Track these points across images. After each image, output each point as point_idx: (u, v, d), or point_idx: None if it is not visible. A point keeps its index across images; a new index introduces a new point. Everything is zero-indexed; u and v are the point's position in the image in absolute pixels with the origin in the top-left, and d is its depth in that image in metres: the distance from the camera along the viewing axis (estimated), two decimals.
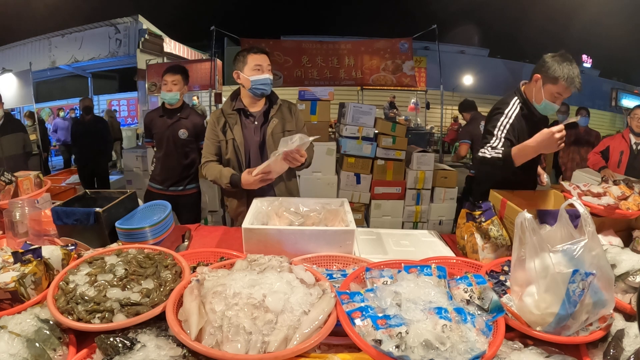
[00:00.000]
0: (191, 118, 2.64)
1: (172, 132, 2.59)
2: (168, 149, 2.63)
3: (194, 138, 2.64)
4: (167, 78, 2.54)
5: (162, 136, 2.62)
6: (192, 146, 2.67)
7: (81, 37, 7.69)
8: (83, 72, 9.71)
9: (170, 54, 7.95)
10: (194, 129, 2.62)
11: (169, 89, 2.54)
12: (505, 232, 1.55)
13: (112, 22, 7.53)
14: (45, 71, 8.17)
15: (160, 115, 2.64)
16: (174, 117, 2.61)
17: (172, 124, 2.60)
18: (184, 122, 2.61)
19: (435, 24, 5.75)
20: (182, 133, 2.59)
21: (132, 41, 7.40)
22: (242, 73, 1.88)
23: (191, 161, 2.69)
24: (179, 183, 2.67)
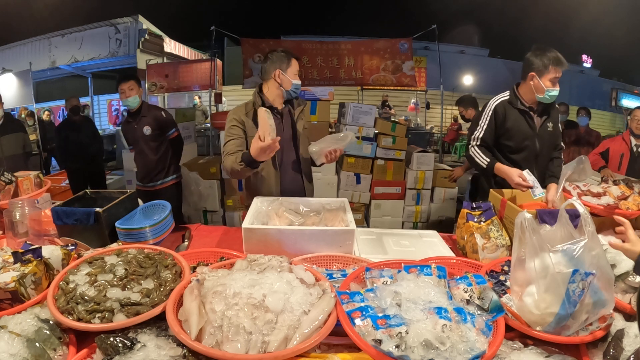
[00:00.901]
0: (151, 114, 2.88)
1: (139, 132, 2.86)
2: (139, 147, 2.92)
3: (158, 132, 2.89)
4: (122, 87, 2.74)
5: (133, 138, 2.92)
6: (160, 139, 2.92)
7: (81, 37, 7.68)
8: (83, 72, 9.70)
9: (170, 54, 7.94)
10: (155, 122, 2.87)
11: (127, 95, 2.75)
12: (505, 232, 1.56)
13: (112, 22, 7.51)
14: (45, 71, 8.16)
15: (128, 121, 2.94)
16: (137, 118, 2.87)
17: (137, 125, 2.87)
18: (146, 120, 2.86)
19: (435, 24, 5.74)
20: (146, 130, 2.85)
21: (132, 41, 7.39)
22: (285, 74, 1.92)
23: (163, 153, 2.94)
24: (157, 177, 2.94)
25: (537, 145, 2.06)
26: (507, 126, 2.04)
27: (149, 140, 2.89)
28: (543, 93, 1.94)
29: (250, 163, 1.63)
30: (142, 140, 2.89)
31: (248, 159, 1.62)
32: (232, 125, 1.89)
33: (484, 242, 1.48)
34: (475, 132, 2.09)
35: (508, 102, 2.06)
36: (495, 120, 2.05)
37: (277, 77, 1.92)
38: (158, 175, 2.95)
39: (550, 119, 2.09)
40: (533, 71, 1.94)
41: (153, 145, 2.91)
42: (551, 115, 2.10)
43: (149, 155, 2.92)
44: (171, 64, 7.31)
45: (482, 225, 1.54)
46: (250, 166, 1.65)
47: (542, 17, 14.94)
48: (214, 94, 6.20)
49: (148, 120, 2.87)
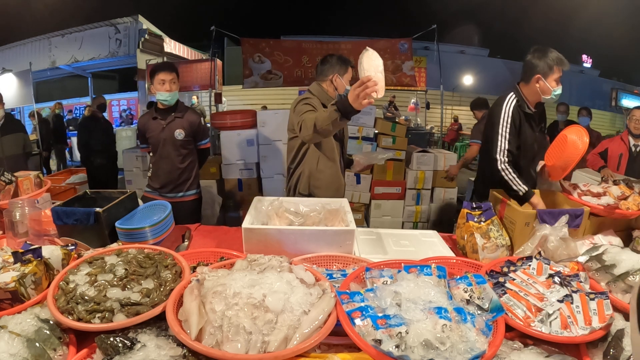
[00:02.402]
0: (187, 117, 2.48)
1: (168, 134, 2.43)
2: (165, 151, 2.46)
3: (191, 138, 2.50)
4: (163, 77, 2.35)
5: (158, 139, 2.45)
6: (190, 147, 2.52)
7: (81, 37, 7.69)
8: (83, 72, 9.70)
9: (170, 54, 7.95)
10: (190, 128, 2.47)
11: (168, 88, 2.35)
12: (505, 232, 1.56)
13: (112, 22, 7.52)
14: (45, 71, 8.16)
15: (154, 117, 2.46)
16: (169, 117, 2.43)
17: (168, 125, 2.43)
18: (180, 122, 2.45)
19: (435, 24, 5.75)
20: (178, 133, 2.43)
21: (132, 41, 7.39)
22: (342, 79, 2.08)
23: (190, 164, 2.53)
24: (178, 188, 2.51)
25: (536, 149, 2.04)
26: (521, 131, 1.96)
27: (179, 146, 2.45)
28: (550, 94, 1.92)
29: (344, 110, 1.42)
30: (171, 144, 2.44)
31: (343, 105, 1.42)
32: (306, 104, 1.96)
33: (484, 242, 1.48)
34: (500, 144, 1.90)
35: (518, 106, 1.96)
36: (514, 127, 1.94)
37: (334, 80, 2.08)
38: (180, 186, 2.52)
39: (543, 121, 2.11)
40: (538, 73, 1.91)
41: (182, 152, 2.48)
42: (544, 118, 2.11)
43: (176, 162, 2.47)
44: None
45: (482, 225, 1.54)
46: (343, 114, 1.44)
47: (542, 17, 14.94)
48: (214, 94, 6.20)
49: (182, 123, 2.44)
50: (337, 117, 1.44)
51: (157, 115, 2.46)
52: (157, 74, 2.36)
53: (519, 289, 1.12)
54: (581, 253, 1.39)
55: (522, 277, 1.18)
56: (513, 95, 1.98)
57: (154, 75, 2.37)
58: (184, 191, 2.54)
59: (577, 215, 1.55)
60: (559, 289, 1.10)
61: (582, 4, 12.26)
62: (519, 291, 1.11)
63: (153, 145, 2.50)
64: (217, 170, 4.20)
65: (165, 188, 2.50)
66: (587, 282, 1.17)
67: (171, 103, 2.44)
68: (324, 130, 1.57)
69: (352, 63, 2.06)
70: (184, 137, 2.45)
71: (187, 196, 2.55)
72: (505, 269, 1.25)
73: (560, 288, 1.11)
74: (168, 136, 2.44)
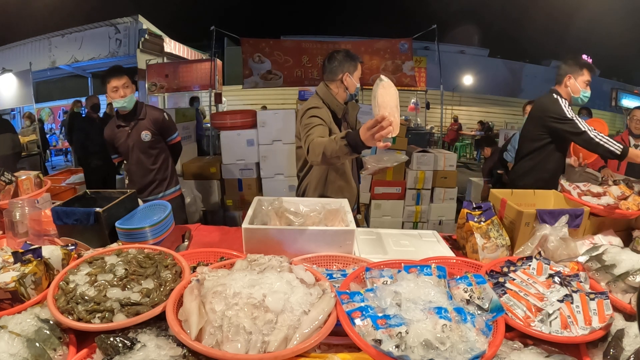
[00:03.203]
0: (149, 116, 2.41)
1: (135, 138, 2.38)
2: (134, 156, 2.42)
3: (159, 136, 2.45)
4: (115, 83, 2.26)
5: (127, 146, 2.41)
6: (159, 145, 2.47)
7: (81, 37, 7.68)
8: (83, 72, 9.70)
9: (170, 54, 7.95)
10: (155, 126, 2.41)
11: (122, 94, 2.27)
12: (505, 232, 1.56)
13: (112, 22, 7.52)
14: (45, 71, 8.17)
15: (118, 125, 2.41)
16: (132, 121, 2.38)
17: (133, 130, 2.38)
18: (144, 123, 2.39)
19: (435, 24, 5.75)
20: (144, 135, 2.38)
21: (132, 41, 7.39)
22: (352, 77, 1.95)
23: (163, 163, 2.49)
24: (157, 189, 2.49)
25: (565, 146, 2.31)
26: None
27: (148, 148, 2.41)
28: (579, 93, 2.15)
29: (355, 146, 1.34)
30: (139, 148, 2.40)
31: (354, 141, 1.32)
32: (313, 115, 1.80)
33: (484, 242, 1.48)
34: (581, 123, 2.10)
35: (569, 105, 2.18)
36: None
37: (344, 79, 1.94)
38: (158, 187, 2.50)
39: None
40: (569, 72, 2.17)
41: (153, 152, 2.44)
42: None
43: (147, 164, 2.44)
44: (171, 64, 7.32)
45: (482, 225, 1.54)
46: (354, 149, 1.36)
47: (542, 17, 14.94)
48: (214, 94, 6.20)
49: (146, 124, 2.39)
50: (347, 151, 1.37)
51: (121, 123, 2.41)
52: (108, 81, 2.28)
53: (519, 289, 1.12)
54: (581, 253, 1.39)
55: (522, 277, 1.18)
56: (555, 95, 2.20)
57: (105, 84, 2.29)
58: (163, 191, 2.52)
59: (577, 215, 1.55)
60: (559, 289, 1.10)
61: (582, 4, 12.26)
62: (519, 291, 1.11)
63: (124, 154, 2.48)
64: (217, 170, 4.20)
65: (144, 192, 2.47)
66: (587, 282, 1.17)
67: (129, 108, 2.36)
68: (333, 161, 1.50)
69: (361, 59, 1.99)
70: (151, 138, 2.41)
71: (167, 195, 2.53)
72: (505, 269, 1.25)
73: (560, 288, 1.11)
74: (135, 141, 2.40)
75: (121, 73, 2.31)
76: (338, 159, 1.46)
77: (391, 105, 1.23)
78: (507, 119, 13.09)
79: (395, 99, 1.26)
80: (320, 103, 1.92)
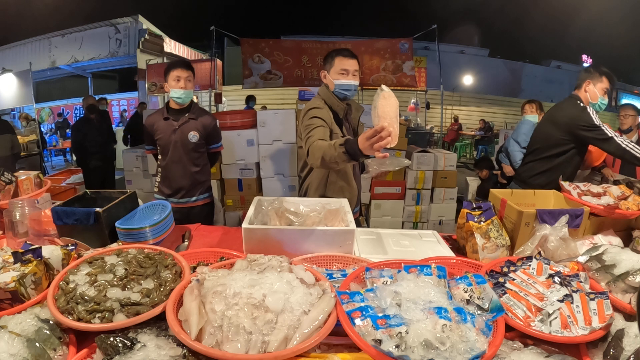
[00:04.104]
0: (202, 119, 2.33)
1: (181, 136, 2.27)
2: (176, 155, 2.30)
3: (204, 141, 2.36)
4: (179, 73, 2.21)
5: (169, 141, 2.28)
6: (203, 150, 2.39)
7: (81, 37, 7.69)
8: (83, 72, 9.71)
9: (170, 54, 7.95)
10: (204, 130, 2.33)
11: (183, 86, 2.21)
12: (505, 232, 1.56)
13: (112, 22, 7.52)
14: (45, 71, 8.18)
15: (165, 117, 2.29)
16: (182, 118, 2.28)
17: (180, 127, 2.28)
18: (194, 124, 2.29)
19: (435, 23, 5.75)
20: (192, 136, 2.27)
21: (132, 41, 7.40)
22: (328, 74, 1.89)
23: (202, 168, 2.41)
24: (190, 193, 2.38)
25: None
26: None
27: (192, 150, 2.31)
28: (597, 100, 2.20)
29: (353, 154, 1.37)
30: (183, 147, 2.29)
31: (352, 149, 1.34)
32: (314, 117, 1.80)
33: (484, 242, 1.48)
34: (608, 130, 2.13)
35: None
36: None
37: (323, 79, 1.92)
38: (193, 190, 2.38)
39: None
40: (589, 79, 2.22)
41: (195, 155, 2.34)
42: None
43: (189, 166, 2.32)
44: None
45: (482, 225, 1.53)
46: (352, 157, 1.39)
47: (542, 17, 14.95)
48: (214, 94, 6.20)
49: (196, 125, 2.29)
50: (345, 159, 1.39)
51: (169, 116, 2.30)
52: (172, 70, 2.24)
53: (519, 289, 1.12)
54: (581, 253, 1.39)
55: (522, 277, 1.18)
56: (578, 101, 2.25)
57: (169, 72, 2.24)
58: (196, 196, 2.41)
59: (577, 215, 1.55)
60: (559, 289, 1.10)
61: (582, 4, 12.26)
62: (519, 291, 1.11)
63: (162, 148, 2.33)
64: (217, 170, 4.20)
65: (177, 194, 2.37)
66: (587, 282, 1.17)
67: (185, 102, 2.30)
68: (332, 166, 1.52)
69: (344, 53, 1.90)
70: (198, 140, 2.31)
71: (199, 200, 2.43)
72: (505, 269, 1.25)
73: (560, 288, 1.11)
74: (180, 138, 2.28)
75: (188, 67, 2.28)
76: (337, 164, 1.47)
77: (391, 116, 1.25)
78: (507, 119, 13.08)
79: (395, 109, 1.27)
80: (322, 103, 1.89)
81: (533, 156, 2.47)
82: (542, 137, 2.44)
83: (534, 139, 2.56)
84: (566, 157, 2.31)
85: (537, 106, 3.77)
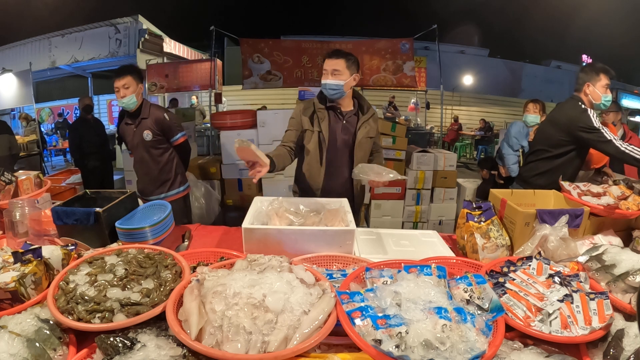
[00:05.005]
0: (152, 116, 2.42)
1: (139, 137, 2.42)
2: (138, 155, 2.48)
3: (161, 136, 2.46)
4: (116, 84, 2.32)
5: (133, 143, 2.47)
6: (163, 146, 2.48)
7: (81, 37, 7.68)
8: (83, 72, 9.70)
9: (170, 54, 7.95)
10: (156, 126, 2.42)
11: (122, 95, 2.31)
12: (505, 232, 1.56)
13: (112, 22, 7.52)
14: (45, 71, 8.16)
15: (126, 122, 2.48)
16: (136, 120, 2.42)
17: (137, 129, 2.42)
18: (145, 123, 2.41)
19: (435, 23, 5.73)
20: (146, 135, 2.40)
21: (132, 41, 7.39)
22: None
23: (166, 162, 2.50)
24: (159, 190, 2.51)
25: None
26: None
27: (150, 147, 2.44)
28: (600, 100, 2.17)
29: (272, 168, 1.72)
30: (142, 147, 2.44)
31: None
32: (292, 117, 2.04)
33: (484, 242, 1.48)
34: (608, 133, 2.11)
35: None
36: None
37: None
38: (161, 187, 2.51)
39: None
40: (587, 80, 2.19)
41: (155, 152, 2.46)
42: None
43: (150, 163, 2.47)
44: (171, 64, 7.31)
45: (482, 225, 1.53)
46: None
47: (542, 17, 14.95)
48: (214, 94, 6.20)
49: (148, 124, 2.41)
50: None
51: (128, 120, 2.47)
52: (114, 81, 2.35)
53: (519, 289, 1.12)
54: (581, 253, 1.39)
55: (522, 277, 1.18)
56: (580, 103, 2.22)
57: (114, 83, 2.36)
58: (165, 192, 2.52)
59: (577, 215, 1.55)
60: (559, 289, 1.10)
61: (582, 4, 12.27)
62: (519, 291, 1.11)
63: (131, 150, 2.57)
64: (217, 170, 4.20)
65: (146, 190, 2.52)
66: (587, 282, 1.17)
67: (131, 108, 2.38)
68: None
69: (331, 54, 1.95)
70: (152, 137, 2.42)
71: (169, 196, 2.51)
72: (505, 269, 1.25)
73: (560, 288, 1.11)
74: (139, 139, 2.43)
75: (123, 74, 2.33)
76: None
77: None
78: (507, 119, 13.07)
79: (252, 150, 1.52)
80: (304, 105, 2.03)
81: (534, 156, 2.47)
82: (544, 138, 2.44)
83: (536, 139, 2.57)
84: (567, 159, 2.30)
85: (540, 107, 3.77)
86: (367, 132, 2.01)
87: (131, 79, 2.34)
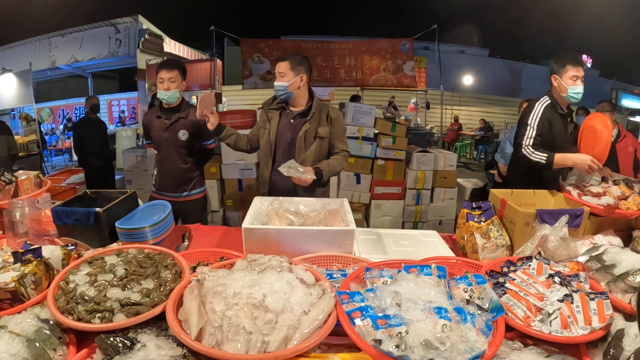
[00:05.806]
0: (191, 117, 2.40)
1: (172, 134, 2.38)
2: (167, 151, 2.42)
3: (196, 139, 2.45)
4: (162, 75, 2.28)
5: (161, 138, 2.41)
6: (193, 147, 2.47)
7: (81, 37, 7.67)
8: (83, 72, 9.69)
9: (170, 54, 7.92)
10: (194, 128, 2.41)
11: (167, 87, 2.29)
12: (505, 232, 1.56)
13: (112, 22, 7.50)
14: (45, 71, 8.15)
15: (158, 115, 2.42)
16: (173, 117, 2.38)
17: (171, 125, 2.38)
18: (184, 122, 2.38)
19: (435, 24, 5.73)
20: (182, 134, 2.37)
21: (132, 41, 7.38)
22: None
23: (193, 164, 2.49)
24: (182, 188, 2.47)
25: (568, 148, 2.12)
26: (553, 129, 2.11)
27: (182, 147, 2.40)
28: (566, 92, 2.05)
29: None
30: (173, 145, 2.40)
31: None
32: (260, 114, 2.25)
33: (484, 242, 1.48)
34: (527, 133, 2.07)
35: (551, 106, 2.12)
36: (543, 122, 2.08)
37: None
38: (183, 186, 2.48)
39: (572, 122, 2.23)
40: (554, 73, 2.10)
41: (184, 151, 2.42)
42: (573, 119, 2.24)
43: (178, 162, 2.43)
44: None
45: (482, 225, 1.54)
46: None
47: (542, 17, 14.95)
48: (214, 94, 6.20)
49: (186, 124, 2.37)
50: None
51: (161, 114, 2.41)
52: (157, 72, 2.33)
53: (519, 289, 1.12)
54: (581, 253, 1.39)
55: (522, 277, 1.18)
56: (547, 97, 2.16)
57: (157, 73, 2.33)
58: (188, 190, 2.50)
59: (577, 215, 1.55)
60: (559, 289, 1.10)
61: (582, 4, 12.27)
62: (519, 291, 1.11)
63: (156, 144, 2.48)
64: (217, 170, 4.20)
65: (169, 187, 2.48)
66: (587, 282, 1.17)
67: (171, 102, 2.37)
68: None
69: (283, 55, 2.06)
70: (187, 139, 2.40)
71: (191, 195, 2.52)
72: (505, 269, 1.25)
73: (560, 288, 1.11)
74: (171, 137, 2.39)
75: (172, 67, 2.32)
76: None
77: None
78: (507, 119, 13.08)
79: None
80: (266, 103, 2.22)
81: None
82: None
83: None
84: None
85: None
86: (307, 131, 2.04)
87: (178, 74, 2.33)
